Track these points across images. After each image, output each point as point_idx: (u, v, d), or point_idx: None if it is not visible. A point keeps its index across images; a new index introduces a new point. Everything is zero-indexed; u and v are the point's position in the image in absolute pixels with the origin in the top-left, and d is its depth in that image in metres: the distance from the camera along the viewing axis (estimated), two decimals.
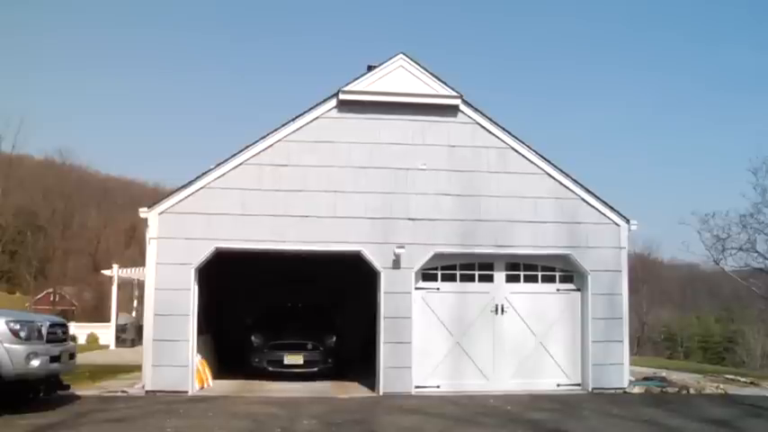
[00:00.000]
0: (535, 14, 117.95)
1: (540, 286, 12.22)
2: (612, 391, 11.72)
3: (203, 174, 11.45)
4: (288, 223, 11.42)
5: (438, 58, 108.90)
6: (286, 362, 12.74)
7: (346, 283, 13.94)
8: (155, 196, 23.93)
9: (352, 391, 11.64)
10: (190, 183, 11.41)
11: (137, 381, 11.61)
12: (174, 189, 11.92)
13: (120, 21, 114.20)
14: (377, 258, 11.53)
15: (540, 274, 12.24)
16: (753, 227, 19.46)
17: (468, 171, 11.95)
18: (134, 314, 25.76)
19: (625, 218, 12.26)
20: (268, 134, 11.61)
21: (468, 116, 12.06)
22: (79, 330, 24.56)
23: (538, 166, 12.14)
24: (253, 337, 13.19)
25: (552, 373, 12.02)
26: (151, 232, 11.22)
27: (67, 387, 10.10)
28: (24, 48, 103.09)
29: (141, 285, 20.40)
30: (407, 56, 11.91)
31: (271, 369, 12.67)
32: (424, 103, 11.87)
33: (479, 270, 12.10)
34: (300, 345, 12.98)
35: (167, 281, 11.11)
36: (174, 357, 10.97)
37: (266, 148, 11.55)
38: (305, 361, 12.82)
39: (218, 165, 11.49)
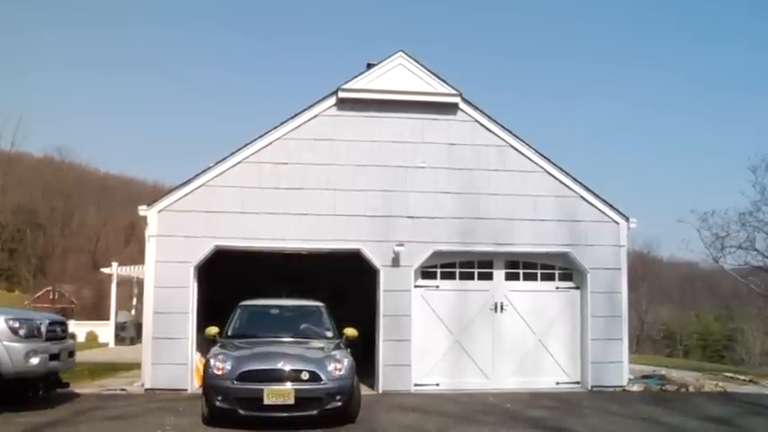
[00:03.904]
0: (535, 13, 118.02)
1: (539, 284, 12.22)
2: (612, 390, 11.72)
3: (203, 172, 11.45)
4: (287, 221, 11.42)
5: (438, 57, 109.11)
6: (267, 401, 7.78)
7: (346, 281, 13.89)
8: (154, 194, 23.94)
9: None
10: (189, 181, 11.40)
11: (136, 379, 11.62)
12: (174, 187, 11.94)
13: (120, 20, 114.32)
14: (376, 256, 11.53)
15: (539, 272, 12.23)
16: (752, 225, 19.42)
17: (467, 169, 11.95)
18: (133, 312, 25.73)
19: (624, 216, 12.26)
20: (267, 132, 11.60)
21: (468, 114, 12.06)
22: (78, 328, 24.51)
23: (537, 164, 12.14)
24: (213, 361, 8.15)
25: (551, 372, 12.02)
26: (150, 230, 11.23)
27: (67, 385, 10.11)
28: (24, 45, 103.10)
29: (141, 283, 20.39)
30: (407, 54, 11.89)
31: (243, 412, 7.82)
32: (423, 101, 11.86)
33: (479, 268, 12.10)
34: (291, 373, 8.02)
35: (167, 279, 11.11)
36: (174, 355, 10.97)
37: (265, 146, 11.55)
38: (298, 399, 7.84)
39: (218, 163, 11.49)
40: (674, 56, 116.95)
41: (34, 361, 8.71)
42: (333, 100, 11.78)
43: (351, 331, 9.39)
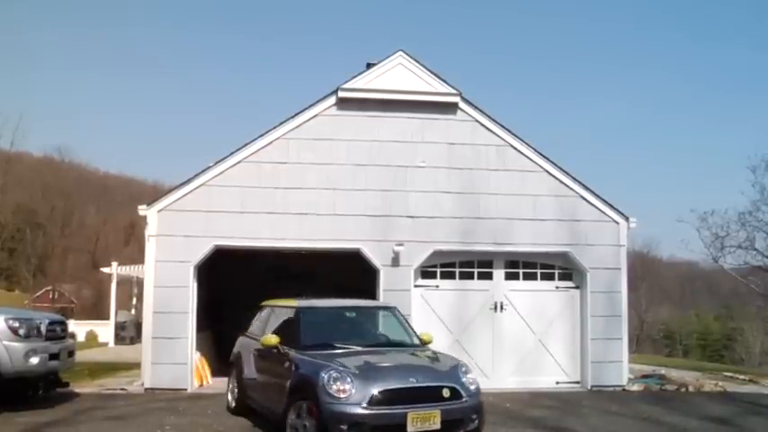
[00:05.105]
0: (535, 13, 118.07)
1: (539, 284, 12.22)
2: (612, 389, 11.72)
3: (202, 171, 11.45)
4: (287, 221, 11.42)
5: (438, 56, 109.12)
6: (411, 428, 6.31)
7: (346, 280, 13.88)
8: (154, 194, 23.93)
9: None
10: (189, 180, 11.40)
11: (136, 378, 11.62)
12: (174, 187, 11.93)
13: (120, 19, 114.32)
14: (376, 256, 11.53)
15: (539, 271, 12.23)
16: (752, 225, 19.49)
17: (467, 169, 11.95)
18: (133, 312, 25.74)
19: (624, 216, 12.26)
20: (267, 132, 11.60)
21: (468, 114, 12.06)
22: (78, 328, 24.52)
23: (537, 163, 12.14)
24: (327, 379, 6.41)
25: (551, 371, 12.02)
26: (150, 230, 11.22)
27: (66, 385, 10.10)
28: (24, 45, 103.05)
29: (140, 283, 20.39)
30: (407, 53, 11.89)
31: None
32: (423, 100, 11.86)
33: (478, 268, 12.10)
34: (432, 391, 6.64)
35: (166, 278, 11.11)
36: (174, 355, 10.96)
37: (265, 146, 11.54)
38: (443, 423, 6.47)
39: (218, 162, 11.49)
40: (674, 56, 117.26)
41: (34, 360, 8.71)
42: (333, 100, 11.78)
43: (428, 336, 8.25)
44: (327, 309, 8.44)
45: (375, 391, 6.31)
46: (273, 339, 7.54)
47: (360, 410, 6.23)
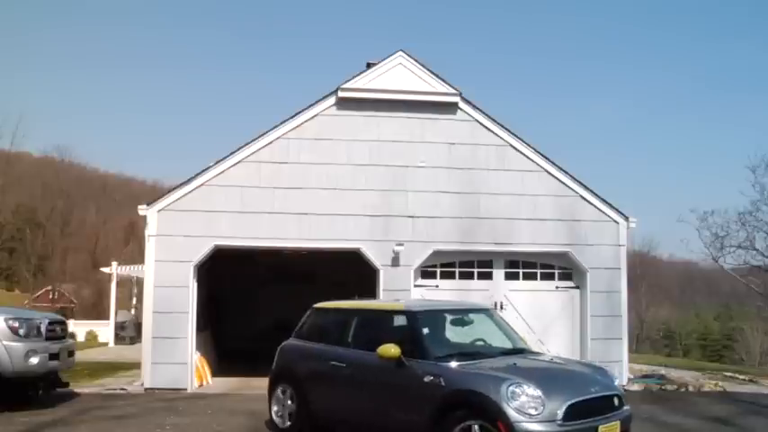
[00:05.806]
0: (535, 12, 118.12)
1: (539, 284, 12.22)
2: None
3: (202, 171, 11.45)
4: (287, 220, 11.42)
5: (438, 56, 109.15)
6: None
7: (346, 280, 13.89)
8: (154, 194, 23.93)
9: None
10: (189, 180, 11.40)
11: (136, 378, 11.62)
12: (174, 186, 11.93)
13: (120, 19, 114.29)
14: (376, 256, 11.53)
15: (539, 271, 12.24)
16: (751, 224, 19.40)
17: (467, 168, 11.95)
18: (133, 311, 25.72)
19: (624, 215, 12.27)
20: (267, 132, 11.61)
21: (468, 113, 12.06)
22: (78, 328, 24.52)
23: (537, 163, 12.14)
24: (508, 394, 5.51)
25: None
26: (150, 229, 11.23)
27: (66, 384, 10.09)
28: (24, 45, 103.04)
29: (140, 283, 20.39)
30: (407, 53, 11.90)
31: None
32: (423, 100, 11.86)
33: (478, 267, 12.11)
34: (609, 400, 6.10)
35: (166, 278, 11.11)
36: (174, 355, 10.96)
37: (265, 146, 11.55)
38: None
39: (218, 162, 11.49)
40: (673, 56, 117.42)
41: (34, 360, 8.71)
42: (333, 99, 11.78)
43: (525, 339, 7.70)
44: (442, 312, 7.47)
45: (565, 404, 5.56)
46: (394, 351, 6.31)
47: (556, 428, 5.46)
